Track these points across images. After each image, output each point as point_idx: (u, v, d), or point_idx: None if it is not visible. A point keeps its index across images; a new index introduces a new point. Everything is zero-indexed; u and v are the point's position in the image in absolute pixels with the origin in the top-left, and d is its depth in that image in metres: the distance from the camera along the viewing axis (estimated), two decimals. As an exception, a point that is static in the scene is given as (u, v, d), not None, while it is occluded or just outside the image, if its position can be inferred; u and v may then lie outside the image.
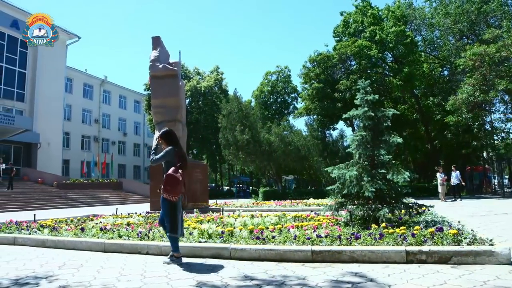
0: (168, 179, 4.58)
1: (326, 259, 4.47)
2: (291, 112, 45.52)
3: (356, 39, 27.90)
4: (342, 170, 6.44)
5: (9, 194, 21.80)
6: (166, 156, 4.83)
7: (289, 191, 29.14)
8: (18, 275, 4.31)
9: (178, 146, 4.97)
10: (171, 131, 5.14)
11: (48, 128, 33.24)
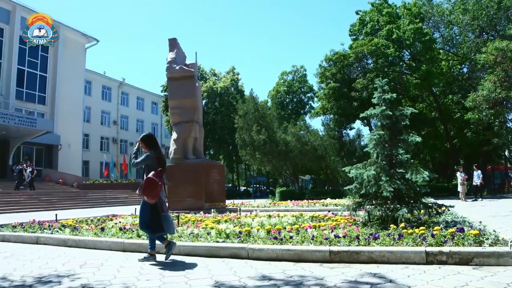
0: (147, 183, 4.78)
1: (344, 259, 4.44)
2: (307, 112, 45.36)
3: (373, 38, 27.59)
4: (360, 170, 6.38)
5: (31, 194, 22.32)
6: (147, 160, 5.01)
7: (306, 191, 29.02)
8: (41, 273, 4.41)
9: (158, 150, 5.17)
10: (152, 135, 5.36)
11: (69, 130, 33.95)
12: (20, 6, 31.47)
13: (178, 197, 13.12)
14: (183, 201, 12.87)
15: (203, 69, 44.59)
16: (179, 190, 13.17)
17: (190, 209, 11.38)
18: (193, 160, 13.71)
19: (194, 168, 13.29)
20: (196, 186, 12.96)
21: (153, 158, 5.01)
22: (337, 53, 29.03)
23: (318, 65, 30.91)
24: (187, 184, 13.04)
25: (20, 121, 26.26)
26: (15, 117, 26.20)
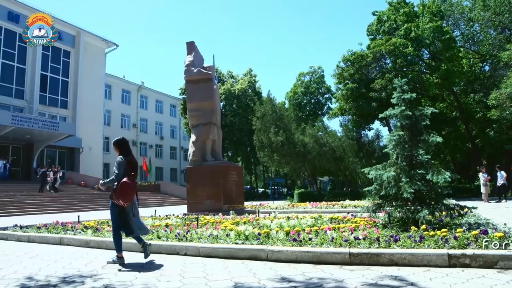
0: (123, 187, 4.89)
1: (364, 261, 4.40)
2: (325, 113, 45.14)
3: (391, 37, 27.27)
4: (379, 171, 6.30)
5: (54, 196, 22.84)
6: (121, 168, 5.09)
7: (325, 193, 28.84)
8: (66, 273, 4.52)
9: (130, 155, 5.26)
10: (124, 139, 5.47)
11: (90, 133, 34.65)
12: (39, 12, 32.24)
13: (197, 198, 13.23)
14: (202, 203, 12.97)
15: (220, 71, 44.87)
16: (198, 192, 13.29)
17: (209, 211, 11.46)
18: (212, 162, 13.80)
19: (213, 170, 13.38)
20: (214, 188, 13.04)
21: (124, 163, 5.12)
22: (354, 53, 28.79)
23: (336, 65, 30.73)
24: (205, 186, 13.14)
25: (43, 125, 26.95)
26: (38, 121, 26.90)
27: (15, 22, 30.69)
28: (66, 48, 34.57)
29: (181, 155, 54.86)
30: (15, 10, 30.70)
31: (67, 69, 34.46)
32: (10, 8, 30.37)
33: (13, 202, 19.61)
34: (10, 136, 26.87)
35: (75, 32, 35.41)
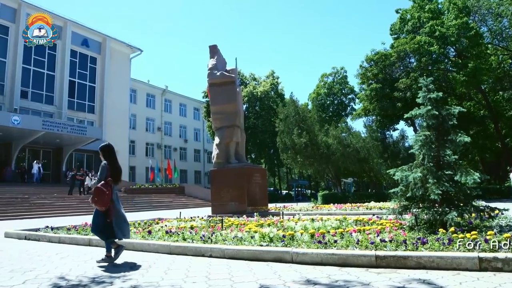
0: (96, 192, 5.12)
1: (391, 264, 4.33)
2: (349, 114, 44.69)
3: (415, 36, 26.77)
4: (405, 172, 6.19)
5: (83, 198, 23.41)
6: (103, 172, 5.26)
7: (349, 194, 28.53)
8: (95, 273, 4.63)
9: (114, 161, 5.44)
10: (111, 146, 5.63)
11: (116, 137, 35.39)
12: (71, 21, 33.46)
13: (221, 201, 13.32)
14: (226, 205, 13.05)
15: (243, 74, 45.10)
16: (222, 194, 13.37)
17: (233, 213, 11.51)
18: (236, 164, 13.87)
19: (237, 172, 13.44)
20: (238, 190, 13.09)
21: (106, 169, 5.31)
22: (378, 53, 28.41)
23: (359, 65, 30.42)
24: (229, 188, 13.20)
25: (72, 129, 27.80)
26: (67, 126, 27.76)
27: (45, 31, 31.73)
28: (92, 55, 35.57)
29: (205, 157, 55.38)
30: (44, 19, 31.74)
31: (94, 75, 35.47)
32: (39, 17, 31.43)
33: (44, 204, 20.24)
34: (41, 140, 27.81)
35: (101, 39, 36.37)
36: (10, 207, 18.37)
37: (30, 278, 4.47)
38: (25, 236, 8.59)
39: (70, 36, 33.23)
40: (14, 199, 19.92)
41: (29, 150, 29.93)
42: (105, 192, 5.15)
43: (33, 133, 26.06)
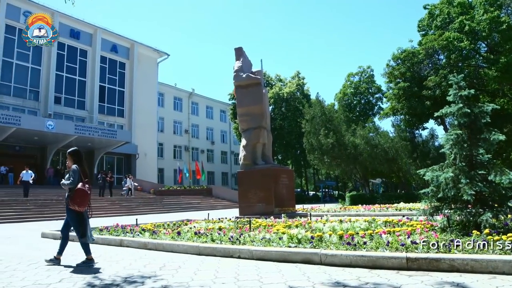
0: (79, 193, 5.33)
1: (423, 267, 4.23)
2: (376, 113, 43.97)
3: (444, 31, 26.06)
4: (436, 172, 6.04)
5: (114, 200, 24.05)
6: (76, 175, 5.42)
7: (377, 195, 28.07)
8: (127, 273, 4.75)
9: (82, 164, 5.62)
10: (79, 150, 5.81)
11: (144, 140, 36.23)
12: (100, 29, 34.45)
13: (248, 202, 13.36)
14: (254, 206, 13.08)
15: (268, 75, 45.14)
16: (249, 195, 13.41)
17: (261, 214, 11.54)
18: (263, 166, 13.89)
19: (264, 173, 13.46)
20: (266, 191, 13.10)
21: (79, 172, 5.47)
22: (405, 50, 27.86)
23: (386, 64, 29.90)
24: (257, 189, 13.23)
25: (102, 133, 28.62)
26: (98, 129, 28.58)
27: (76, 39, 32.96)
28: (121, 60, 36.51)
29: (231, 159, 55.74)
30: (76, 27, 33.03)
31: (122, 79, 36.41)
32: (72, 26, 32.70)
33: (77, 206, 20.86)
34: (74, 144, 28.70)
35: (129, 45, 37.27)
36: (46, 209, 19.08)
37: (66, 277, 4.64)
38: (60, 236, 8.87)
39: (100, 42, 34.26)
40: (49, 200, 20.65)
41: (63, 153, 30.97)
42: (88, 193, 5.41)
43: (66, 137, 26.98)
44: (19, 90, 29.23)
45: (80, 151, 5.87)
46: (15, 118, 23.90)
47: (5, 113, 24.18)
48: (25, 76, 29.67)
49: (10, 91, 28.63)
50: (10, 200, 19.49)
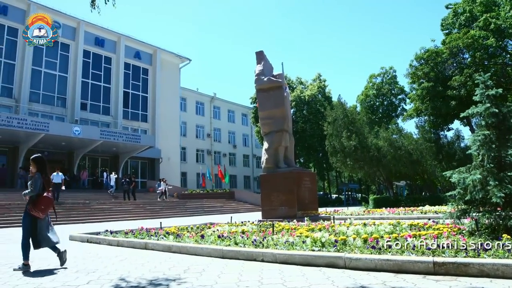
0: (45, 201, 5.46)
1: (451, 271, 4.12)
2: (399, 115, 43.27)
3: (468, 30, 25.44)
4: (463, 174, 5.89)
5: (138, 204, 24.46)
6: (38, 183, 5.50)
7: (402, 198, 27.55)
8: (152, 276, 4.82)
9: (45, 172, 5.69)
10: (42, 157, 5.89)
11: (168, 144, 36.74)
12: (124, 36, 35.25)
13: (271, 205, 13.35)
14: (276, 210, 13.06)
15: (289, 78, 45.10)
16: (272, 199, 13.40)
17: (283, 218, 11.50)
18: (285, 169, 13.86)
19: (286, 176, 13.43)
20: (288, 195, 13.06)
21: (41, 179, 5.55)
22: (428, 50, 27.35)
23: (409, 64, 29.40)
24: (279, 192, 13.21)
25: (127, 138, 29.20)
26: (123, 134, 29.18)
27: (101, 46, 33.82)
28: (144, 66, 37.22)
29: (253, 162, 55.86)
30: (100, 35, 33.89)
31: (146, 85, 37.10)
32: (97, 35, 33.58)
33: (103, 209, 21.36)
34: (99, 149, 29.43)
35: (152, 51, 37.96)
36: (73, 212, 19.58)
37: (93, 278, 4.75)
38: (87, 239, 9.11)
39: (124, 49, 35.04)
40: (76, 204, 21.18)
41: (89, 158, 31.75)
42: (51, 201, 5.55)
43: (92, 142, 27.66)
44: (48, 97, 30.17)
45: (44, 158, 5.98)
46: (44, 125, 24.67)
47: (35, 119, 24.99)
48: (53, 83, 30.61)
49: (39, 99, 29.59)
50: (40, 204, 20.07)
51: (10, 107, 27.71)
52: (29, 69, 28.80)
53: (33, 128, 23.99)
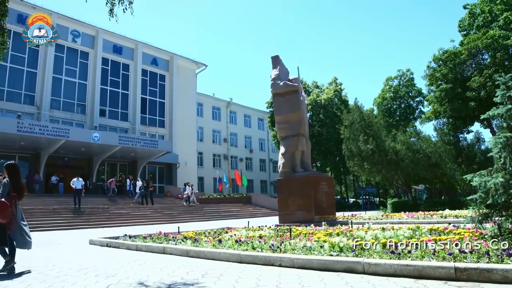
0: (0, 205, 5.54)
1: (473, 277, 4.03)
2: (417, 117, 42.67)
3: (487, 30, 24.97)
4: (484, 177, 5.77)
5: (156, 208, 24.69)
6: (5, 189, 5.70)
7: (420, 202, 27.12)
8: (171, 280, 4.86)
9: (17, 178, 5.92)
10: (14, 164, 6.08)
11: (185, 149, 37.06)
12: (141, 43, 35.86)
13: (288, 210, 13.30)
14: (293, 214, 13.01)
15: (305, 82, 45.02)
16: (289, 203, 13.35)
17: (301, 222, 11.45)
18: (302, 173, 13.81)
19: (303, 181, 13.37)
20: (305, 199, 13.00)
21: (8, 185, 5.75)
22: (446, 51, 26.95)
23: (426, 66, 29.01)
24: (296, 197, 13.16)
25: (145, 143, 29.61)
26: (140, 140, 29.59)
27: (119, 54, 34.48)
28: (161, 72, 37.73)
29: (270, 167, 55.82)
30: (118, 43, 34.57)
31: (163, 91, 37.60)
32: (115, 42, 34.28)
33: (122, 214, 21.64)
34: (118, 154, 29.88)
35: (168, 57, 38.46)
36: (92, 216, 19.91)
37: (113, 282, 4.81)
38: (106, 243, 9.24)
39: (141, 56, 35.60)
40: (95, 209, 21.52)
41: (108, 163, 32.25)
42: (8, 206, 5.61)
43: (111, 148, 28.11)
44: (68, 104, 30.86)
45: (17, 166, 6.16)
46: (64, 131, 25.21)
47: (56, 126, 25.57)
48: (73, 91, 31.31)
49: (60, 106, 30.28)
50: (60, 208, 20.50)
51: (33, 114, 28.42)
52: (50, 77, 29.52)
53: (54, 135, 24.55)
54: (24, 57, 28.66)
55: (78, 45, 31.97)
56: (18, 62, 28.38)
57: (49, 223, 17.33)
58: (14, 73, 28.21)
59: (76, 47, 31.93)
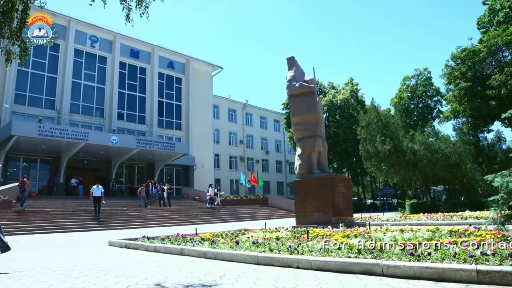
0: None
1: (496, 281, 3.94)
2: (435, 117, 42.01)
3: (508, 26, 24.43)
4: (507, 178, 5.66)
5: (173, 210, 24.91)
6: None
7: (440, 203, 26.66)
8: (188, 282, 4.89)
9: None
10: None
11: (201, 151, 37.28)
12: (157, 47, 36.26)
13: (305, 211, 13.26)
14: (310, 215, 12.96)
15: (321, 83, 44.82)
16: (305, 205, 13.31)
17: (318, 224, 11.40)
18: (319, 174, 13.75)
19: (320, 182, 13.31)
20: (322, 200, 12.94)
21: None
22: (465, 49, 26.47)
23: (444, 65, 28.54)
24: (313, 198, 13.11)
25: (162, 146, 29.91)
26: (158, 143, 29.91)
27: (136, 58, 34.97)
28: (177, 75, 38.09)
29: (286, 168, 55.68)
30: (135, 47, 35.05)
31: (179, 94, 37.93)
32: (132, 46, 34.76)
33: (140, 216, 21.91)
34: (136, 157, 30.25)
35: (184, 60, 38.80)
36: (111, 218, 20.21)
37: (132, 283, 4.88)
38: (125, 245, 9.36)
39: (158, 60, 36.02)
40: (114, 211, 21.83)
41: (126, 166, 32.68)
42: None
43: (129, 150, 28.48)
44: (87, 108, 31.43)
45: None
46: (83, 134, 25.67)
47: (75, 129, 26.06)
48: (92, 95, 31.87)
49: (79, 109, 30.86)
50: (80, 210, 20.88)
51: (53, 118, 29.03)
52: (69, 81, 30.12)
53: (73, 138, 25.01)
54: (45, 63, 29.32)
55: (96, 50, 32.54)
56: (39, 68, 29.06)
57: (70, 224, 17.69)
58: (35, 79, 28.88)
59: (94, 52, 32.51)
